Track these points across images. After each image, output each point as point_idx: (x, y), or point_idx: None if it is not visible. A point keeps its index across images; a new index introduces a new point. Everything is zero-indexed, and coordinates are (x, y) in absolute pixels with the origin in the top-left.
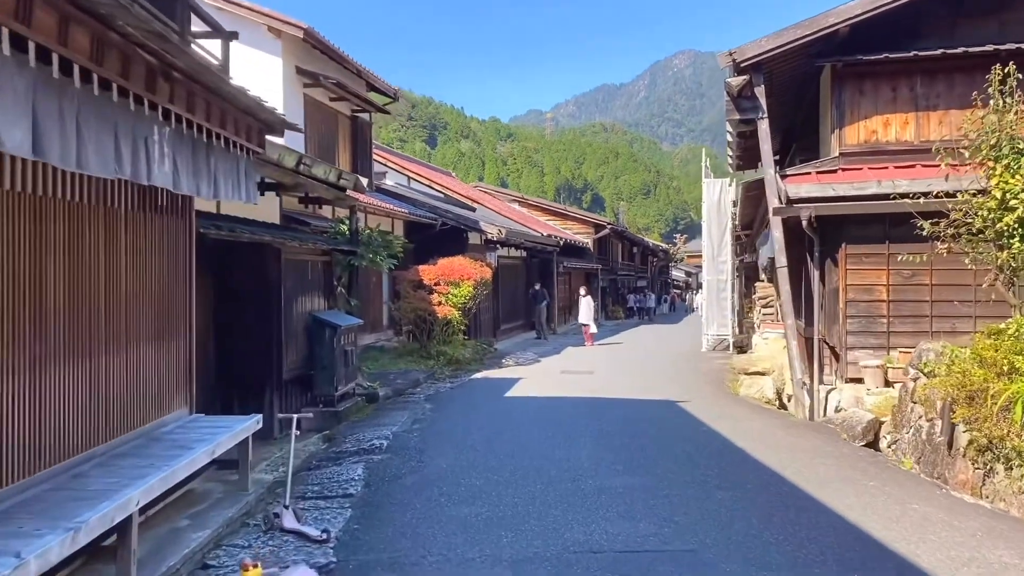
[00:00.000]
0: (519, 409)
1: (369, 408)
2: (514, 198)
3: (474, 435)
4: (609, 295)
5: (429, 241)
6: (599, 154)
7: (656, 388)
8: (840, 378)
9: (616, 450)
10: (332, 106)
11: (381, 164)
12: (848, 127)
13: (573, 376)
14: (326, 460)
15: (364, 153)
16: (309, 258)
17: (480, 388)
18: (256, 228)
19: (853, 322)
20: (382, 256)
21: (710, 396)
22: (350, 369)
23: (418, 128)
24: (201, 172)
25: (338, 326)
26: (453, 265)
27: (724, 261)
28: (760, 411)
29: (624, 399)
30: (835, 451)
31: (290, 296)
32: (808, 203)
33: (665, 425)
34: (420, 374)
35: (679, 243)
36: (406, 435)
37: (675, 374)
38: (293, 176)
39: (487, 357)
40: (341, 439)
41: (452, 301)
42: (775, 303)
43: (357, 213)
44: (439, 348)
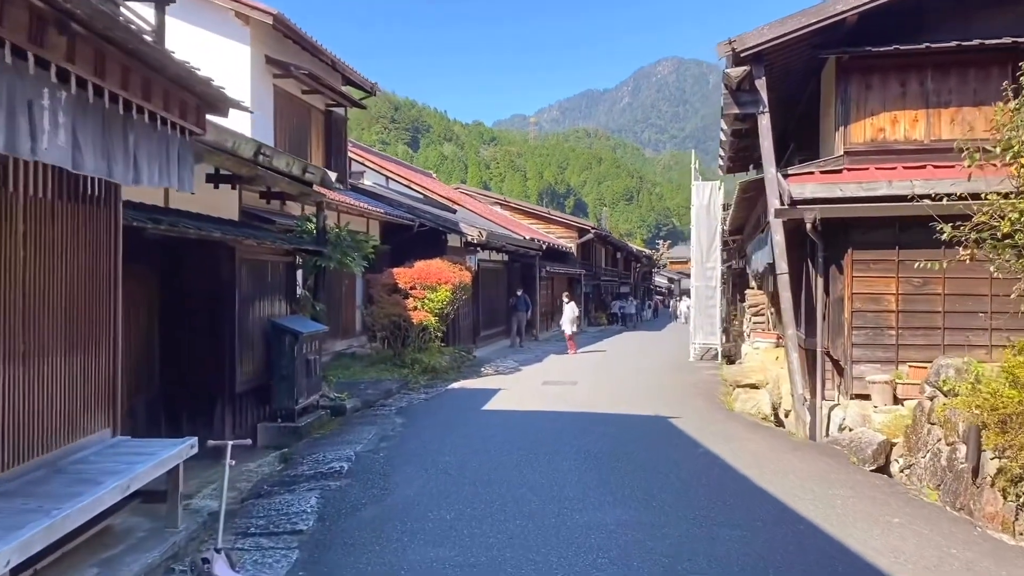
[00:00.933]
0: (497, 425)
1: (334, 422)
2: (496, 200)
3: (447, 456)
4: (592, 301)
5: (406, 243)
6: (582, 159)
7: (644, 402)
8: (844, 394)
9: (605, 476)
10: (304, 99)
11: (359, 163)
12: (854, 124)
13: (555, 388)
14: (278, 485)
15: (339, 149)
16: (269, 258)
17: (456, 400)
18: (206, 224)
19: (859, 334)
20: (352, 257)
21: (703, 411)
22: (313, 380)
23: (401, 130)
24: (114, 150)
25: (299, 333)
26: (430, 268)
27: (713, 267)
28: (758, 429)
29: (611, 415)
30: (847, 478)
31: (246, 300)
32: (813, 204)
33: (657, 446)
34: (393, 384)
35: (662, 249)
36: (371, 455)
37: (663, 386)
38: (251, 167)
39: (465, 365)
40: (299, 459)
41: (428, 306)
42: (766, 311)
43: (325, 211)
44: (414, 356)
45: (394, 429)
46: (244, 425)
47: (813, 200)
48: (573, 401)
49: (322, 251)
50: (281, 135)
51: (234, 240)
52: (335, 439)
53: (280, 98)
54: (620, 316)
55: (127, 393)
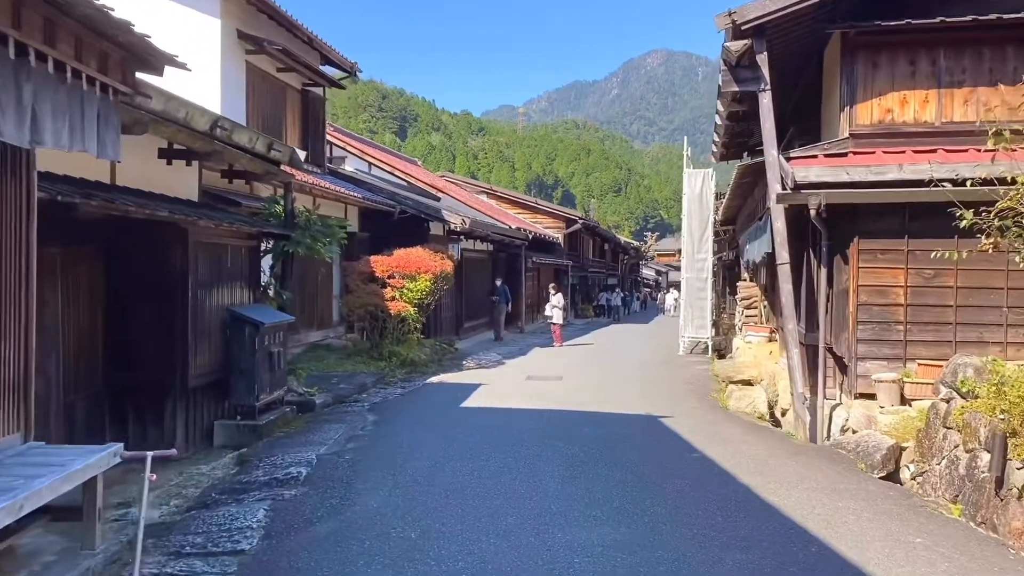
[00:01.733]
0: (475, 424)
1: (300, 420)
2: (482, 189)
3: (418, 459)
4: (579, 293)
5: (386, 230)
6: (571, 151)
7: (633, 399)
8: (848, 393)
9: (591, 485)
10: (280, 77)
11: (340, 148)
12: (860, 105)
13: (539, 383)
14: (228, 493)
15: (316, 131)
16: (230, 242)
17: (434, 396)
18: (155, 203)
19: (865, 329)
20: (323, 243)
21: (696, 410)
22: (276, 374)
23: (388, 119)
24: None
25: (260, 324)
26: (410, 257)
27: (704, 258)
28: (755, 430)
29: (598, 413)
30: (858, 488)
31: (202, 286)
32: (817, 189)
33: (649, 450)
34: (368, 377)
35: (650, 241)
36: (335, 459)
37: (653, 382)
38: (207, 142)
39: (446, 358)
40: (256, 462)
41: (407, 296)
42: (759, 304)
43: (294, 192)
44: (392, 348)
45: (364, 428)
46: (199, 423)
47: (818, 184)
48: (558, 398)
49: (289, 235)
50: (254, 114)
51: (187, 221)
52: (298, 439)
53: (253, 75)
54: (607, 308)
55: (64, 390)
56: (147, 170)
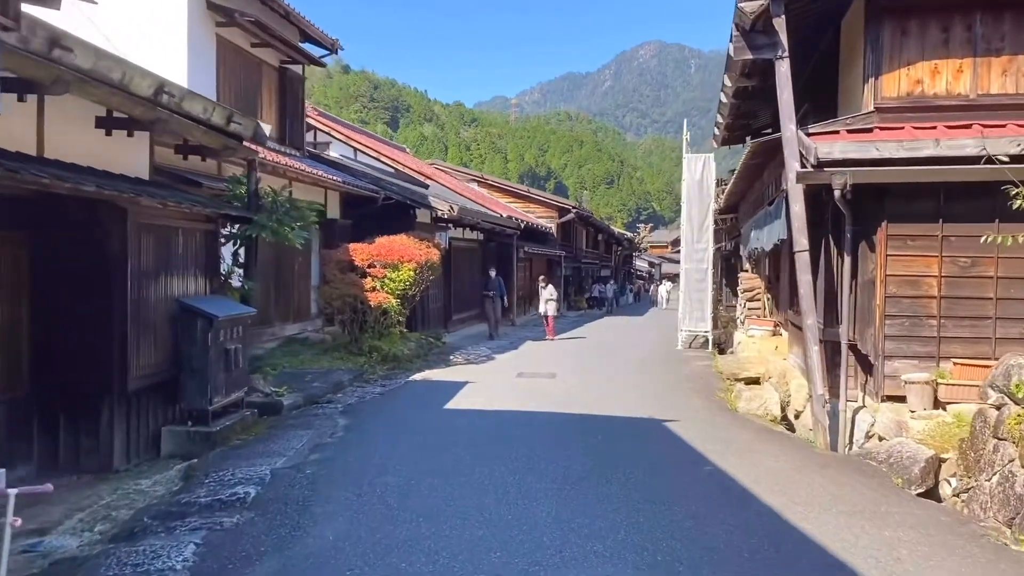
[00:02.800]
0: (459, 430)
1: (262, 424)
2: (473, 177)
3: (390, 474)
4: (572, 284)
5: (370, 218)
6: (563, 142)
7: (633, 399)
8: (873, 395)
9: (591, 509)
10: (255, 53)
11: (325, 133)
12: (886, 76)
13: (531, 380)
14: (160, 519)
15: (295, 111)
16: (181, 225)
17: (416, 395)
18: (82, 176)
19: (893, 324)
20: (291, 227)
21: (702, 412)
22: (235, 374)
23: (380, 110)
24: None
25: (214, 317)
26: (393, 245)
27: (704, 248)
28: (770, 436)
29: (595, 416)
30: (902, 511)
31: (145, 275)
32: (842, 167)
33: (655, 463)
34: (345, 375)
35: (644, 232)
36: (293, 473)
37: (653, 379)
38: (150, 109)
39: (433, 353)
40: (202, 477)
41: (389, 287)
42: (762, 297)
43: (257, 170)
44: (372, 343)
45: (333, 434)
46: (143, 430)
47: (842, 162)
48: (551, 398)
49: (251, 218)
50: (226, 91)
51: (124, 198)
52: (256, 448)
53: (225, 50)
54: (599, 300)
55: None
56: (84, 142)
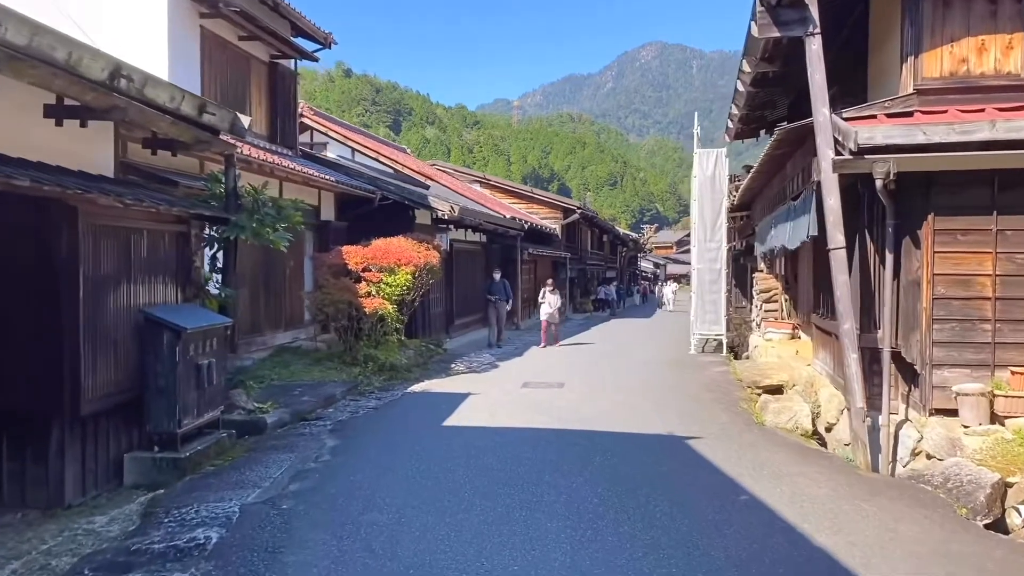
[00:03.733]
0: (459, 452)
1: (241, 447)
2: (475, 178)
3: (378, 510)
4: (578, 286)
5: (366, 220)
6: (566, 144)
7: (649, 412)
8: (920, 408)
9: (613, 557)
10: (242, 47)
11: (322, 133)
12: (927, 54)
13: (538, 392)
14: (103, 571)
15: (286, 109)
16: (146, 226)
17: (413, 410)
18: (19, 170)
19: (942, 328)
20: (274, 228)
21: (727, 427)
22: (208, 391)
23: (382, 113)
24: None
25: (182, 329)
26: (389, 247)
27: (718, 247)
28: (806, 455)
29: (609, 434)
30: (981, 551)
31: (102, 282)
32: (887, 153)
33: (683, 492)
34: (337, 387)
35: (649, 233)
36: (266, 510)
37: (668, 388)
38: (105, 95)
39: (433, 361)
40: (163, 514)
41: (385, 292)
42: (779, 298)
43: (236, 166)
44: (368, 352)
45: (319, 457)
46: (102, 457)
47: (885, 148)
48: (560, 412)
49: (228, 218)
50: (211, 86)
51: (74, 196)
52: (230, 476)
53: (210, 43)
54: (604, 302)
55: None
56: (36, 135)
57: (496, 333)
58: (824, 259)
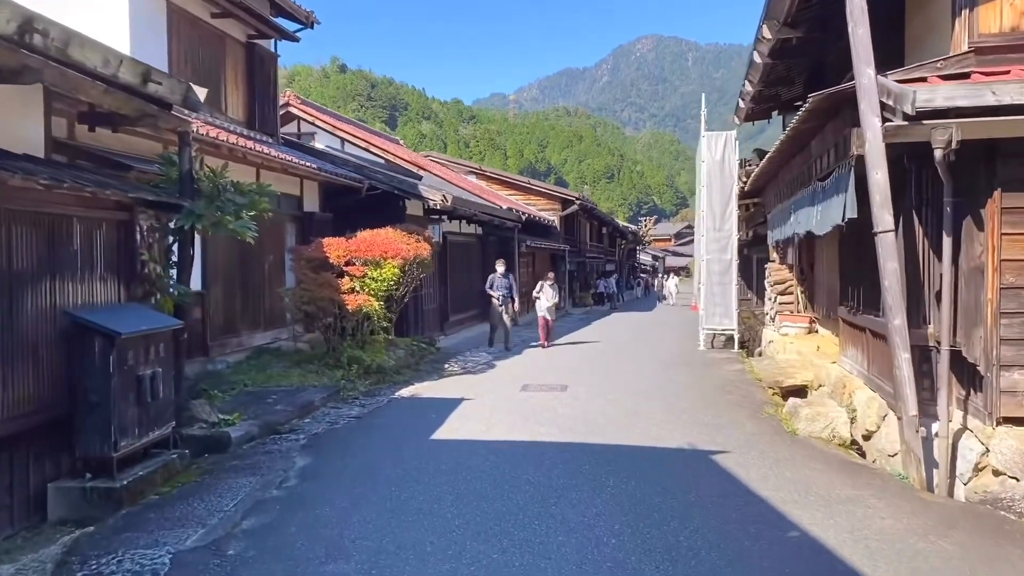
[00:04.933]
0: (448, 475)
1: (195, 469)
2: (471, 169)
3: (345, 558)
4: (577, 280)
5: (353, 210)
6: (563, 137)
7: (664, 419)
8: (984, 416)
9: None
10: (216, 25)
11: (309, 124)
12: (983, 7)
13: (538, 396)
14: None
15: (265, 93)
16: (77, 213)
17: (398, 419)
18: None
19: (1012, 324)
20: (233, 215)
21: (755, 437)
22: (153, 407)
23: (378, 108)
24: None
25: (116, 335)
26: (375, 239)
27: (728, 235)
28: (853, 473)
29: (622, 448)
30: None
31: (19, 278)
32: (949, 118)
33: (717, 526)
34: (317, 393)
35: (648, 225)
36: (206, 559)
37: (683, 390)
38: (11, 52)
39: (425, 361)
40: (80, 563)
41: (371, 287)
42: (794, 289)
43: (191, 146)
44: (352, 353)
45: (284, 483)
46: (18, 489)
47: (946, 112)
48: (564, 420)
49: (181, 204)
50: (180, 67)
51: None
52: (173, 510)
53: (179, 20)
54: (604, 296)
55: None
56: None
57: (505, 337)
58: (853, 246)
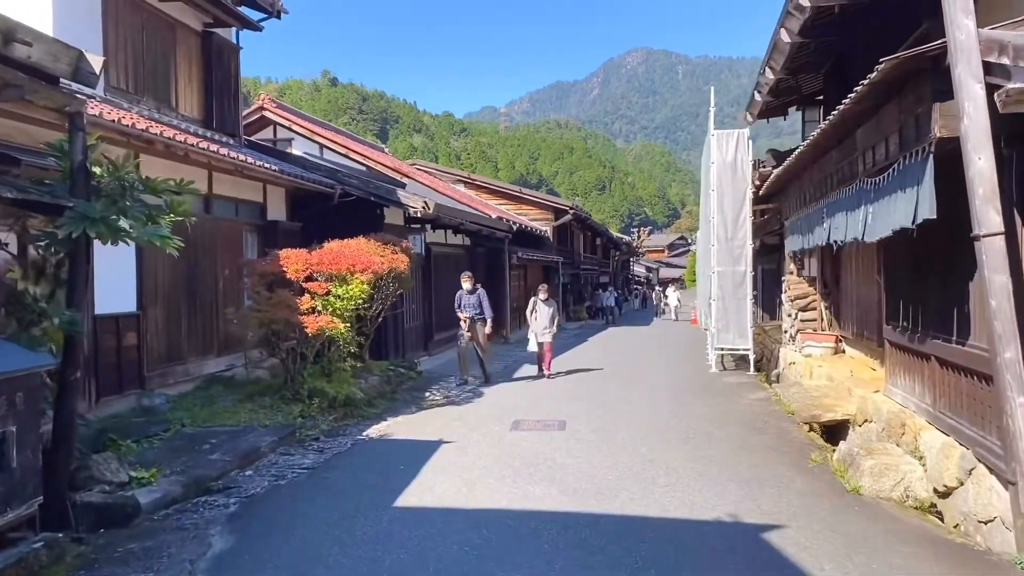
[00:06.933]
0: (413, 564)
1: (67, 562)
2: (459, 178)
3: None
4: (571, 293)
5: (325, 219)
6: (554, 150)
7: (690, 472)
8: None
9: None
10: (165, 10)
11: (285, 128)
12: None
13: (532, 437)
14: None
15: (226, 88)
16: None
17: (360, 472)
18: None
19: None
20: (140, 218)
21: (810, 500)
22: (8, 479)
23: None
24: None
25: None
26: (343, 251)
27: (742, 244)
28: (961, 562)
29: (642, 521)
30: None
31: None
32: None
33: None
34: (266, 436)
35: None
36: None
37: (704, 428)
38: None
39: (402, 388)
40: None
41: (335, 307)
42: (817, 305)
43: (84, 131)
44: (314, 384)
45: None
46: None
47: None
48: (565, 475)
49: (66, 205)
50: (119, 55)
51: None
52: None
53: (116, 1)
54: (601, 309)
55: None
56: None
57: (481, 365)
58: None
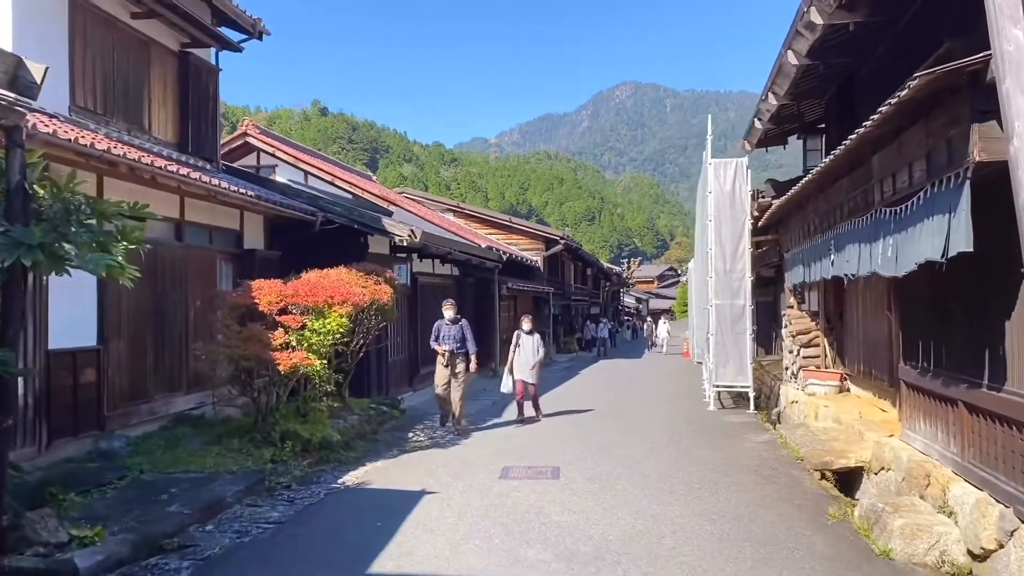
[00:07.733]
0: None
1: None
2: (448, 207)
3: None
4: (562, 324)
5: (306, 248)
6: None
7: (698, 531)
8: None
9: None
10: (139, 28)
11: (269, 155)
12: None
13: (523, 488)
14: None
15: (203, 111)
16: None
17: (332, 529)
18: None
19: None
20: (85, 244)
21: (834, 567)
22: None
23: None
24: None
25: None
26: (322, 282)
27: (741, 276)
28: None
29: None
30: None
31: None
32: None
33: None
34: (234, 484)
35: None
36: None
37: (708, 475)
38: None
39: (384, 428)
40: None
41: (311, 342)
42: (820, 341)
43: (23, 147)
44: (286, 426)
45: None
46: None
47: None
48: (560, 535)
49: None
50: (86, 74)
51: None
52: None
53: (87, 18)
54: (592, 342)
55: None
56: None
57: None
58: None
